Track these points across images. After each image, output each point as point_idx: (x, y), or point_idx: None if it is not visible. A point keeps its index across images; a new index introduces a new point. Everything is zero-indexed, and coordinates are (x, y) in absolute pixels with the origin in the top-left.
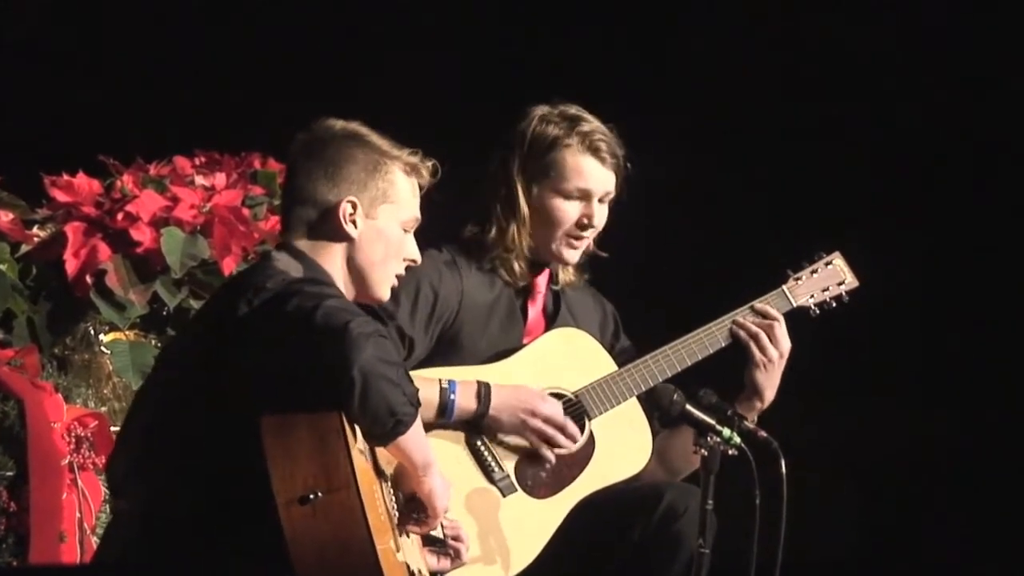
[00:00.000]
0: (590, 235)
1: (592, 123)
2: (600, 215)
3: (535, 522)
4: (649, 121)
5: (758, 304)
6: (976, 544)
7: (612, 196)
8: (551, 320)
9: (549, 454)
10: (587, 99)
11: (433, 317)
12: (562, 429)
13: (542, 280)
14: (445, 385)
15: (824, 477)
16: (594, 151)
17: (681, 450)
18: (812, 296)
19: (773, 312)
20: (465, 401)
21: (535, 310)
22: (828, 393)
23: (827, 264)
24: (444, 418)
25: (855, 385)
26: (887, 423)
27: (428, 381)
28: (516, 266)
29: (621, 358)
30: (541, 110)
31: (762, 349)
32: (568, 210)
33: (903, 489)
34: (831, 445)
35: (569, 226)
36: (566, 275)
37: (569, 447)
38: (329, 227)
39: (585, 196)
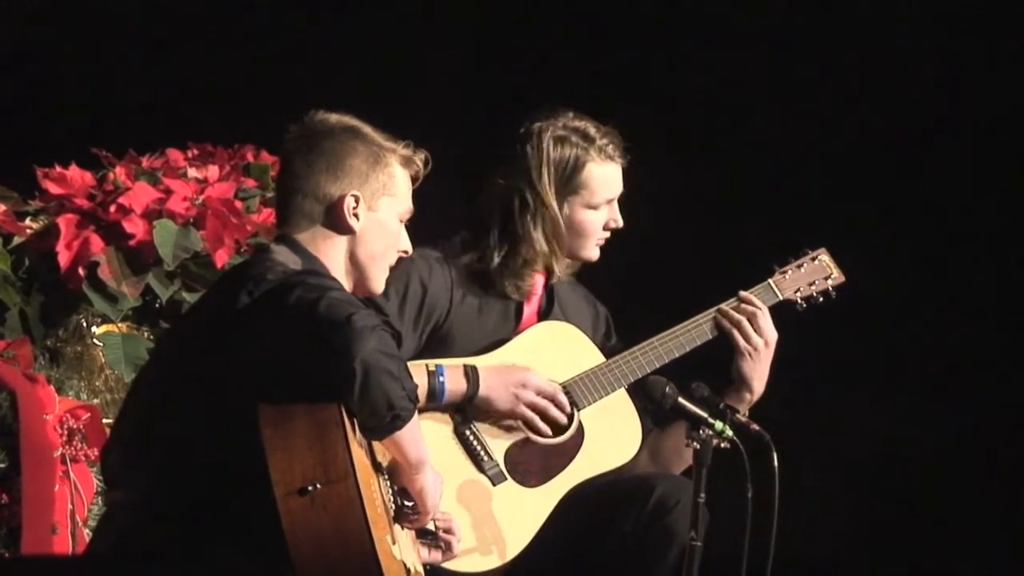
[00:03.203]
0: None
1: (599, 129)
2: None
3: (525, 511)
4: (639, 118)
5: (743, 294)
6: (969, 537)
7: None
8: (543, 318)
9: (544, 427)
10: (578, 97)
11: (422, 313)
12: (553, 398)
13: (539, 283)
14: (432, 368)
15: (816, 470)
16: (611, 158)
17: (672, 449)
18: (799, 290)
19: (756, 301)
20: (454, 384)
21: (530, 309)
22: (821, 386)
23: (813, 259)
24: (434, 402)
25: (848, 378)
26: (880, 416)
27: (415, 367)
28: (528, 278)
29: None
30: (548, 128)
31: (746, 337)
32: (599, 219)
33: (895, 482)
34: (823, 438)
35: (600, 232)
36: (559, 266)
37: (561, 419)
38: (331, 220)
39: (609, 202)
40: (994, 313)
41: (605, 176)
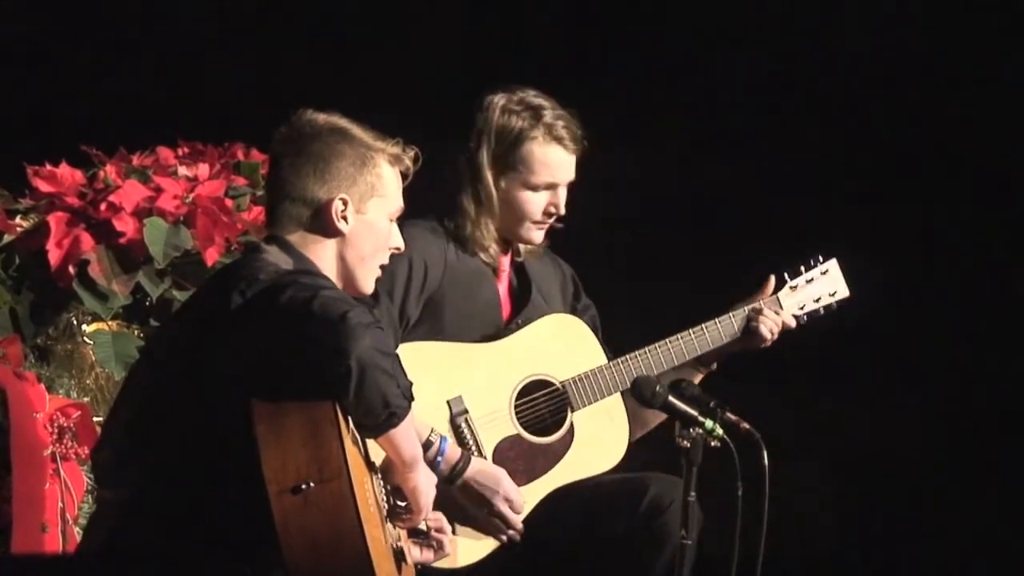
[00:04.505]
0: (554, 219)
1: (554, 110)
2: (564, 200)
3: None
4: (636, 122)
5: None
6: (961, 537)
7: (573, 179)
8: (516, 295)
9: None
10: (579, 95)
11: (425, 288)
12: (512, 522)
13: (506, 258)
14: (434, 438)
15: (807, 469)
16: (559, 140)
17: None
18: (803, 307)
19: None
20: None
21: (502, 287)
22: (812, 385)
23: (823, 272)
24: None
25: (839, 377)
26: (871, 415)
27: (424, 426)
28: (491, 249)
29: (583, 318)
30: (501, 99)
31: (767, 340)
32: (536, 201)
33: (886, 481)
34: (814, 437)
35: (538, 216)
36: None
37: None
38: (320, 224)
39: (552, 187)
40: (988, 313)
41: (546, 157)
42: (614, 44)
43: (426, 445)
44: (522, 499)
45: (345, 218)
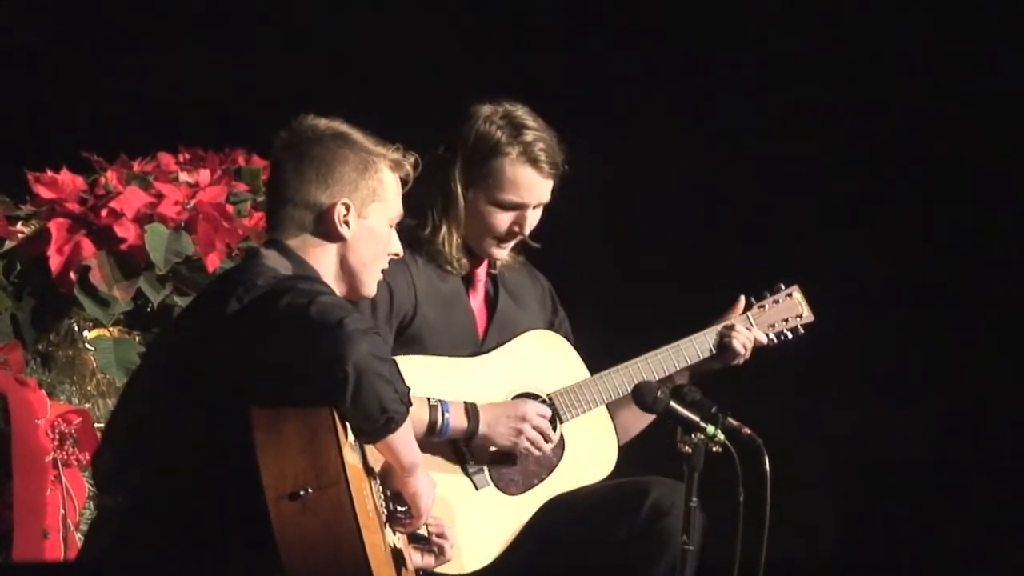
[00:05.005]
0: (519, 239)
1: (535, 131)
2: (531, 222)
3: (505, 517)
4: (636, 122)
5: (735, 323)
6: (962, 539)
7: (547, 201)
8: (492, 307)
9: (546, 448)
10: (566, 108)
11: (392, 314)
12: (545, 432)
13: (481, 270)
14: (434, 403)
15: (809, 474)
16: (533, 162)
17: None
18: (773, 326)
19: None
20: (456, 420)
21: (477, 300)
22: (813, 389)
23: (788, 296)
24: (438, 437)
25: (840, 381)
26: (872, 419)
27: (419, 400)
28: (454, 260)
29: (559, 332)
30: (486, 110)
31: (740, 356)
32: (501, 219)
33: (888, 485)
34: (816, 442)
35: (500, 233)
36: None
37: (545, 450)
38: (322, 228)
39: (519, 207)
40: (988, 313)
41: (516, 177)
42: (614, 44)
43: (432, 417)
44: (540, 412)
45: (347, 223)
